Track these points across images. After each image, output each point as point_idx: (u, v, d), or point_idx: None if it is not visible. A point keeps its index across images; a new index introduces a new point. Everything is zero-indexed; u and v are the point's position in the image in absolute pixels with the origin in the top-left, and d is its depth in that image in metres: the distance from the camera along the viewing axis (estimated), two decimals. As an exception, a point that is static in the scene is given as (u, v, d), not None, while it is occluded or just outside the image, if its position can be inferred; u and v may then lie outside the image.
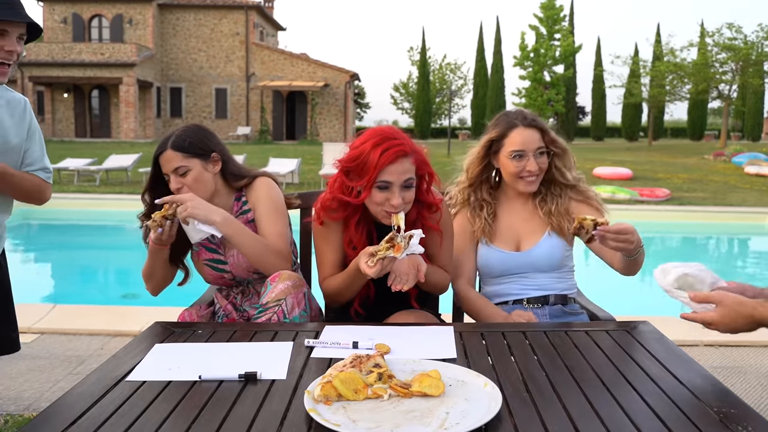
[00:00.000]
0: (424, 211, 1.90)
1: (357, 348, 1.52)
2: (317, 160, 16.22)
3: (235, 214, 2.07)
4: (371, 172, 1.74)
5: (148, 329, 1.70)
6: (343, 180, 1.84)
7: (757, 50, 30.05)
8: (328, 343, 1.55)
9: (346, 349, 1.51)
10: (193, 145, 2.01)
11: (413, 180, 1.80)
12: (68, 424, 1.14)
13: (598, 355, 1.48)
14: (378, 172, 1.74)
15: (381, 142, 1.75)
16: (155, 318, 1.92)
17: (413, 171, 1.80)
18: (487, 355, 1.49)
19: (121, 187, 12.37)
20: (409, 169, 1.78)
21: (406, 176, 1.77)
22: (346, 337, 1.57)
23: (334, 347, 1.53)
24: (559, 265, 2.14)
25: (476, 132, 41.64)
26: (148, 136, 31.24)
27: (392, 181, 1.76)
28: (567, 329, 1.70)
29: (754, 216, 10.67)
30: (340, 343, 1.54)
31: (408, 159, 1.78)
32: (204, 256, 2.10)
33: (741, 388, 3.16)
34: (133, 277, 7.02)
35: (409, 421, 1.13)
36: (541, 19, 34.72)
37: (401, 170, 1.76)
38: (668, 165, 19.97)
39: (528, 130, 2.09)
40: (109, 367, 1.42)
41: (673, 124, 54.13)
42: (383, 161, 1.73)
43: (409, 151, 1.78)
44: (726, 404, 1.21)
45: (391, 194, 1.77)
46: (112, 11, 32.29)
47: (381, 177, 1.75)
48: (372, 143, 1.76)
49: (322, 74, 33.01)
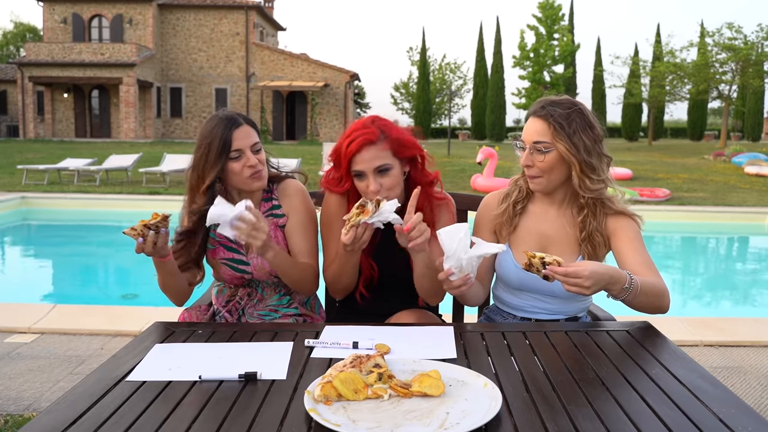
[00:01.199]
0: (427, 189, 1.93)
1: (357, 348, 1.52)
2: (317, 160, 16.22)
3: (265, 213, 2.02)
4: (343, 163, 1.83)
5: (148, 329, 1.70)
6: (333, 172, 1.92)
7: (757, 50, 30.07)
8: (328, 343, 1.55)
9: (346, 349, 1.51)
10: (256, 125, 2.00)
11: (388, 165, 1.83)
12: (68, 424, 1.14)
13: (598, 356, 1.48)
14: (347, 162, 1.82)
15: (350, 133, 1.83)
16: (155, 318, 1.92)
17: (387, 156, 1.83)
18: (487, 355, 1.49)
19: (121, 187, 12.36)
20: (379, 156, 1.82)
21: (376, 163, 1.81)
22: (346, 337, 1.57)
23: (334, 347, 1.53)
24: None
25: (476, 132, 41.68)
26: (148, 136, 31.24)
27: (363, 170, 1.82)
28: (567, 329, 1.70)
29: (754, 216, 10.66)
30: (340, 343, 1.54)
31: (376, 146, 1.81)
32: (222, 255, 2.03)
33: (741, 388, 3.16)
34: (133, 277, 7.03)
35: (410, 421, 1.13)
36: (540, 19, 34.73)
37: (369, 158, 1.81)
38: (668, 165, 19.97)
39: (534, 120, 1.83)
40: (109, 367, 1.42)
41: (673, 124, 54.13)
42: (350, 151, 1.81)
43: (376, 139, 1.81)
44: (726, 404, 1.21)
45: (368, 182, 1.82)
46: (112, 11, 32.29)
47: (353, 167, 1.83)
48: (344, 134, 1.85)
49: (322, 74, 33.02)
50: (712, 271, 8.34)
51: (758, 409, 2.95)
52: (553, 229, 1.89)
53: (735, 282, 7.58)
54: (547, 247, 1.88)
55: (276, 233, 2.01)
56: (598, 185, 1.81)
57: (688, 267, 8.33)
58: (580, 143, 1.77)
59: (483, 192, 11.95)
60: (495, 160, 12.60)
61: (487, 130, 39.75)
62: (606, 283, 1.55)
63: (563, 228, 1.89)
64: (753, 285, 7.51)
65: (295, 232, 2.00)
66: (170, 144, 26.64)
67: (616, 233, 1.83)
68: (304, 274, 1.94)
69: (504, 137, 39.06)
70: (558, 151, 1.79)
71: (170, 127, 33.66)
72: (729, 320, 4.55)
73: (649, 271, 1.74)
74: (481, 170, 13.22)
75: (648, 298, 1.63)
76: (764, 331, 4.00)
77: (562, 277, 1.52)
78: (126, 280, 7.06)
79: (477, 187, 12.22)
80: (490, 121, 38.99)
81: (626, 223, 1.84)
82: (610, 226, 1.84)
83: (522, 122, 67.27)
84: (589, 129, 1.80)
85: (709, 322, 4.27)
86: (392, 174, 1.84)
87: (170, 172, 13.18)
